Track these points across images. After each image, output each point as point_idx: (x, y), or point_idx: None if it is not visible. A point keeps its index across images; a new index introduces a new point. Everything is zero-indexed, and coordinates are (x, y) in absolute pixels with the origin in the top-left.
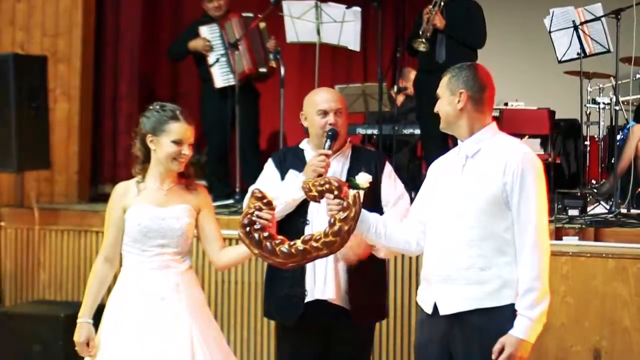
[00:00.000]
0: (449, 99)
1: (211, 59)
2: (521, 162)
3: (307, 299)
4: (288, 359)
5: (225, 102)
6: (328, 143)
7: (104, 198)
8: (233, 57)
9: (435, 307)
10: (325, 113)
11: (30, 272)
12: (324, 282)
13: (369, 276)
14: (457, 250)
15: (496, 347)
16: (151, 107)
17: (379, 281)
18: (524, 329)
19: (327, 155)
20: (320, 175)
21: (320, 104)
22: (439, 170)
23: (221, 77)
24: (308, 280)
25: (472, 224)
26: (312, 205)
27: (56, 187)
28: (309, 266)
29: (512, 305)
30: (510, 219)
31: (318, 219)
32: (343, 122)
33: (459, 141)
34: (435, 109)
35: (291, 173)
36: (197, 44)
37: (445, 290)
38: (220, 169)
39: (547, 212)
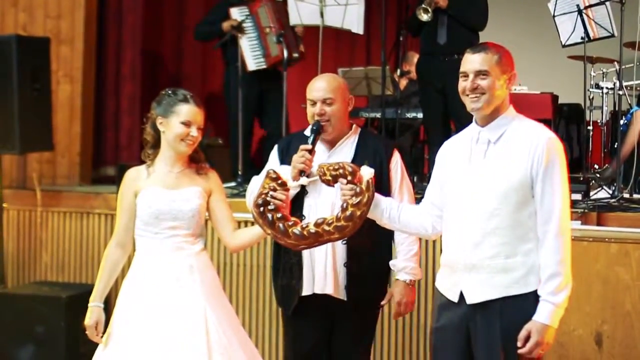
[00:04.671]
0: (501, 79)
1: (243, 41)
2: (546, 147)
3: (304, 293)
4: (291, 344)
5: (251, 85)
6: (311, 138)
7: (106, 180)
8: (265, 41)
9: (461, 296)
10: (313, 103)
11: (33, 254)
12: (324, 276)
13: (369, 269)
14: (481, 239)
15: (522, 335)
16: (163, 92)
17: (380, 272)
18: (549, 314)
19: (310, 151)
20: (302, 172)
21: (308, 93)
22: (453, 153)
23: (253, 60)
24: (306, 275)
25: (497, 212)
26: (308, 200)
27: (58, 169)
28: (306, 260)
29: (536, 291)
30: (533, 206)
31: (315, 215)
32: (336, 111)
33: (474, 124)
34: (487, 84)
35: (283, 168)
36: (232, 27)
37: (471, 279)
38: (245, 152)
39: (569, 197)
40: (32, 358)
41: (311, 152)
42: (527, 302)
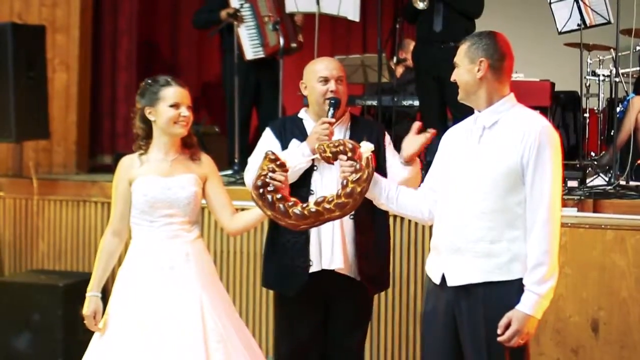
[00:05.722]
0: (468, 67)
1: (242, 30)
2: (539, 135)
3: (312, 269)
4: (286, 329)
5: (249, 73)
6: (331, 111)
7: (103, 168)
8: (264, 30)
9: (443, 278)
10: (326, 80)
11: (29, 242)
12: (331, 251)
13: (375, 244)
14: (468, 222)
15: (502, 322)
16: (143, 83)
17: (385, 249)
18: (532, 304)
19: (331, 124)
20: None
21: (321, 71)
22: (453, 139)
23: (252, 49)
24: (312, 250)
25: (485, 196)
26: (316, 175)
27: (55, 157)
28: (313, 236)
29: (521, 279)
30: (523, 193)
31: (322, 190)
32: (344, 91)
33: (475, 111)
34: (452, 78)
35: (294, 143)
36: (229, 15)
37: (454, 262)
38: (242, 140)
39: (561, 187)
40: (28, 346)
41: (332, 125)
42: (511, 290)
